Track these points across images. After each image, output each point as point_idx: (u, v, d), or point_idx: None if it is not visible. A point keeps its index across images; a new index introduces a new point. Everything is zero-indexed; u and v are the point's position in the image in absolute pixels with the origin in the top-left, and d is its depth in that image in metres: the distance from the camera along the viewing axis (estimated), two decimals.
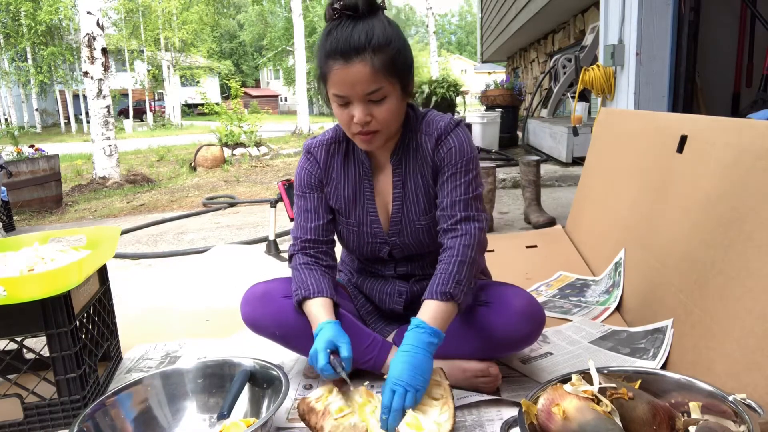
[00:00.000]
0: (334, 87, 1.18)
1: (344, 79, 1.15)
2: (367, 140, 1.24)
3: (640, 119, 2.17)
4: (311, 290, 1.29)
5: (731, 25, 3.39)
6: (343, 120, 1.23)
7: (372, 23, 1.17)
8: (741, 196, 1.27)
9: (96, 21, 6.41)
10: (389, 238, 1.39)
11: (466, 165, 1.29)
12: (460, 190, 1.28)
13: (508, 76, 11.46)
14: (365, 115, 1.19)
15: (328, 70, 1.17)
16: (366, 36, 1.14)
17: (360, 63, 1.14)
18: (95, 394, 1.43)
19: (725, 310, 1.21)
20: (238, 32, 39.65)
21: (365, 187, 1.37)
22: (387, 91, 1.18)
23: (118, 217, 4.87)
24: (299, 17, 13.78)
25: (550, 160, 5.58)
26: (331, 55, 1.16)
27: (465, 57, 50.08)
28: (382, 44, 1.15)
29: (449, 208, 1.28)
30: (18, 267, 1.40)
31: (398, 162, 1.35)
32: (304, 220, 1.39)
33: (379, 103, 1.19)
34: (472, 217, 1.28)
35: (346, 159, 1.38)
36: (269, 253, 2.90)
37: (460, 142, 1.29)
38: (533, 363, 1.45)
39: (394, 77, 1.19)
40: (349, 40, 1.14)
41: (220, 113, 8.84)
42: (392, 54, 1.17)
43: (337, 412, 1.13)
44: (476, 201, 1.30)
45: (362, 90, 1.16)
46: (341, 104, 1.20)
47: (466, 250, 1.24)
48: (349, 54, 1.14)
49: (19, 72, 20.74)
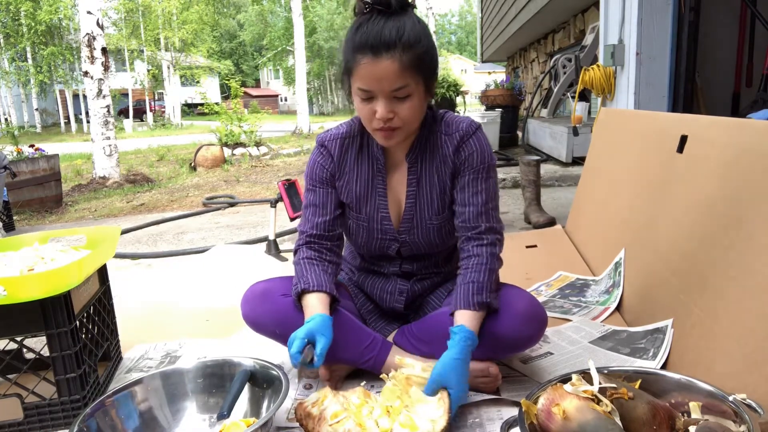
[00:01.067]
0: (360, 81, 1.17)
1: (372, 73, 1.15)
2: (387, 136, 1.23)
3: (640, 119, 2.17)
4: (310, 284, 1.29)
5: (731, 25, 3.39)
6: (364, 115, 1.22)
7: (403, 20, 1.16)
8: (741, 196, 1.27)
9: (96, 21, 6.41)
10: (399, 236, 1.39)
11: (487, 172, 1.32)
12: (481, 197, 1.30)
13: (508, 76, 11.46)
14: (388, 112, 1.18)
15: (355, 64, 1.17)
16: (397, 32, 1.14)
17: (389, 59, 1.13)
18: (95, 394, 1.43)
19: (725, 310, 1.21)
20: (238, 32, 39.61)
21: (378, 183, 1.37)
22: (412, 89, 1.18)
23: (118, 217, 4.87)
24: (299, 17, 13.78)
25: (550, 160, 5.58)
26: (360, 49, 1.15)
27: (465, 57, 50.08)
28: (412, 42, 1.15)
29: (474, 219, 1.30)
30: (18, 267, 1.40)
31: (414, 160, 1.35)
32: (312, 214, 1.39)
33: (402, 101, 1.19)
34: (495, 229, 1.32)
35: (359, 154, 1.38)
36: (269, 253, 2.90)
37: (481, 147, 1.31)
38: (533, 363, 1.45)
39: (420, 76, 1.18)
40: (380, 35, 1.13)
41: (220, 113, 8.85)
42: (421, 53, 1.17)
43: (332, 417, 1.12)
44: (496, 211, 1.33)
45: (388, 86, 1.16)
46: (365, 98, 1.20)
47: (493, 259, 1.29)
48: (379, 49, 1.13)
49: (19, 72, 20.73)
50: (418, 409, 1.16)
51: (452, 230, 1.39)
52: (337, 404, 1.15)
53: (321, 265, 1.34)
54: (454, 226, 1.37)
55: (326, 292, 1.29)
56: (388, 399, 1.19)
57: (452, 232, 1.39)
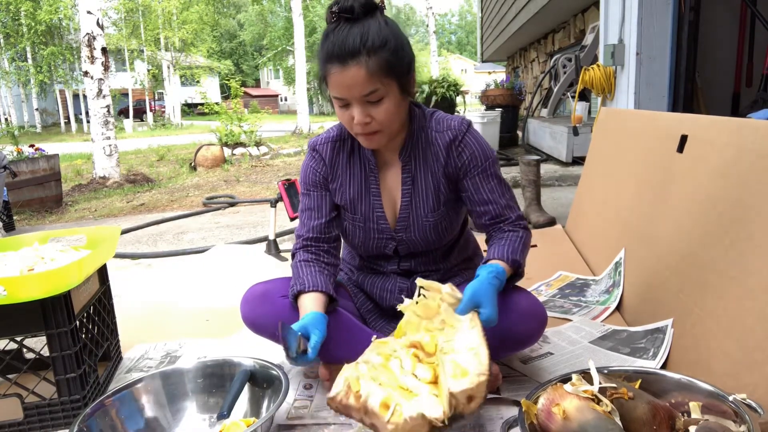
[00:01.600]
0: (333, 90, 1.21)
1: (341, 82, 1.18)
2: (369, 140, 1.26)
3: (640, 119, 2.17)
4: (306, 285, 1.30)
5: (731, 25, 3.39)
6: (345, 120, 1.25)
7: (368, 24, 1.18)
8: (741, 196, 1.27)
9: (96, 21, 6.41)
10: (396, 234, 1.40)
11: (492, 165, 1.36)
12: (498, 191, 1.35)
13: (508, 76, 11.45)
14: (364, 116, 1.21)
15: (327, 73, 1.20)
16: (360, 39, 1.16)
17: (355, 66, 1.16)
18: (95, 394, 1.43)
19: (725, 310, 1.21)
20: (238, 32, 39.62)
21: (371, 184, 1.39)
22: (383, 92, 1.20)
23: (118, 216, 4.87)
24: (299, 17, 13.77)
25: (550, 159, 5.58)
26: (329, 59, 1.18)
27: (465, 57, 50.08)
28: (377, 46, 1.16)
29: (500, 213, 1.34)
30: (18, 267, 1.40)
31: (408, 159, 1.37)
32: (307, 218, 1.41)
33: (376, 104, 1.21)
34: (523, 217, 1.38)
35: (351, 156, 1.40)
36: (269, 253, 2.90)
37: (479, 144, 1.34)
38: (533, 363, 1.45)
39: (390, 78, 1.20)
40: (344, 44, 1.16)
41: (220, 113, 8.85)
42: (387, 55, 1.18)
43: (382, 409, 1.00)
44: (514, 200, 1.38)
45: (358, 92, 1.18)
46: (341, 106, 1.23)
47: (527, 236, 1.34)
48: (345, 58, 1.16)
49: (19, 72, 20.73)
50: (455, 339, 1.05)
51: (449, 227, 1.40)
52: (372, 383, 1.04)
53: (317, 267, 1.35)
54: (450, 223, 1.39)
55: (322, 292, 1.30)
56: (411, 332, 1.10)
57: (449, 228, 1.41)
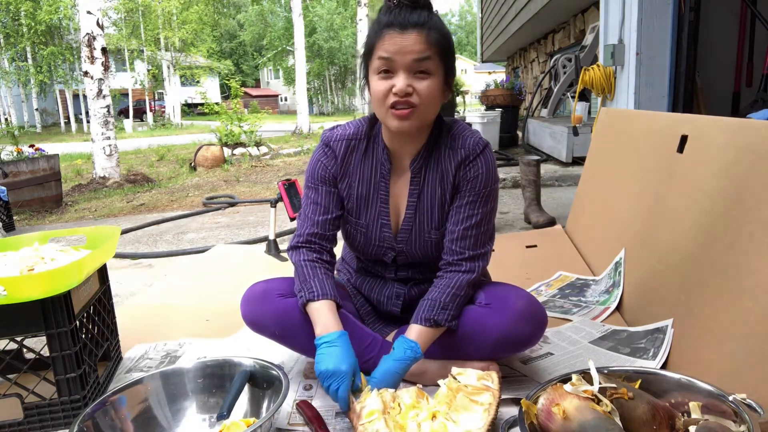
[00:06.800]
0: (382, 50, 1.18)
1: (398, 43, 1.17)
2: (403, 115, 1.20)
3: (640, 119, 2.17)
4: (315, 293, 1.28)
5: (731, 25, 3.40)
6: (380, 91, 1.20)
7: (430, 14, 1.21)
8: (741, 196, 1.27)
9: (96, 21, 6.41)
10: (396, 245, 1.38)
11: (487, 196, 1.30)
12: (474, 220, 1.29)
13: (508, 76, 11.44)
14: (407, 85, 1.18)
15: (380, 39, 1.19)
16: (425, 18, 1.18)
17: (415, 33, 1.17)
18: (95, 394, 1.43)
19: (725, 310, 1.21)
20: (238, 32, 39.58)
21: (381, 189, 1.36)
22: (434, 66, 1.20)
23: (118, 216, 4.87)
24: (299, 17, 13.77)
25: (550, 159, 5.58)
26: (388, 26, 1.18)
27: (465, 57, 50.06)
28: (438, 27, 1.20)
29: (458, 242, 1.30)
30: (18, 267, 1.39)
31: (418, 170, 1.34)
32: (312, 212, 1.37)
33: (422, 78, 1.19)
34: (479, 256, 1.31)
35: (365, 157, 1.36)
36: (269, 253, 2.90)
37: (487, 170, 1.30)
38: (533, 363, 1.45)
39: (441, 60, 1.21)
40: (408, 17, 1.18)
41: (220, 113, 8.84)
42: (444, 41, 1.21)
43: (366, 416, 1.12)
44: (486, 236, 1.32)
45: (411, 57, 1.17)
46: (384, 73, 1.20)
47: (463, 285, 1.29)
48: (406, 26, 1.17)
49: (19, 72, 20.71)
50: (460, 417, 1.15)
51: None
52: (378, 402, 1.14)
53: (322, 269, 1.33)
54: None
55: (332, 300, 1.29)
56: (439, 403, 1.18)
57: None
